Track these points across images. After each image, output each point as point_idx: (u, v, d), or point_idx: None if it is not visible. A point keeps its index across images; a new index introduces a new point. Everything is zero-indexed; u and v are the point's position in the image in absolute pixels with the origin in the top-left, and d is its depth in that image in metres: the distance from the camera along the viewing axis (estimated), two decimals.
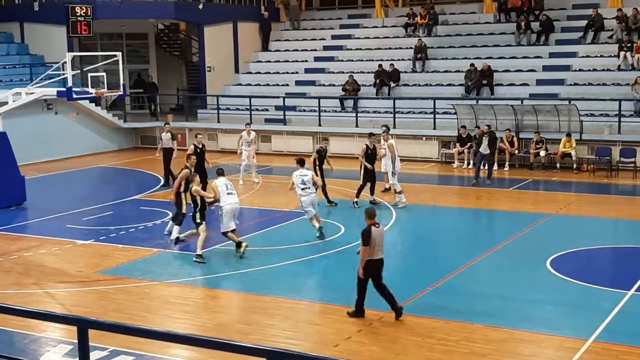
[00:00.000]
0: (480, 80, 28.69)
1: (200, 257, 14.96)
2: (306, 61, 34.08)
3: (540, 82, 28.46)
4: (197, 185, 15.36)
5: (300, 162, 16.98)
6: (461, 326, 11.51)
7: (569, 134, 24.39)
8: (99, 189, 24.36)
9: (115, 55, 20.65)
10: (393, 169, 19.68)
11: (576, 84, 27.91)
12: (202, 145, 20.99)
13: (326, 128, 28.80)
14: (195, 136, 22.08)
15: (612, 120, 25.31)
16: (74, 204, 20.56)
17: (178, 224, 16.21)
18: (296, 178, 16.65)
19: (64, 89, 20.33)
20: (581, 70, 28.54)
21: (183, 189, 16.01)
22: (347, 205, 19.51)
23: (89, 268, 14.92)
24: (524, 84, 28.73)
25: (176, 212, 16.45)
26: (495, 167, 23.74)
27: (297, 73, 33.54)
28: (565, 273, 13.92)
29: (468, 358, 10.44)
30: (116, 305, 12.75)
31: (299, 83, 32.85)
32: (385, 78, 30.32)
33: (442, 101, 27.66)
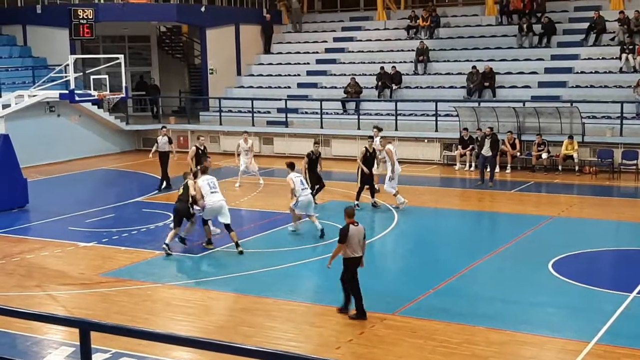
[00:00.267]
0: (482, 82, 28.69)
1: (167, 247, 15.71)
2: (308, 63, 34.11)
3: (542, 85, 28.46)
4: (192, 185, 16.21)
5: (290, 166, 17.35)
6: (463, 329, 11.50)
7: (571, 136, 24.38)
8: (101, 191, 24.38)
9: (117, 57, 20.68)
10: (392, 174, 19.59)
11: (578, 86, 27.92)
12: (204, 147, 21.07)
13: (328, 130, 28.83)
14: (197, 138, 22.11)
15: (614, 122, 25.31)
16: (76, 207, 20.57)
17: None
18: (296, 179, 16.88)
19: (67, 92, 20.35)
20: (583, 72, 28.54)
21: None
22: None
23: (91, 270, 14.94)
24: (526, 86, 28.72)
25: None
26: (497, 170, 23.74)
27: (299, 75, 33.57)
28: (567, 275, 13.91)
29: None
30: (118, 307, 12.76)
31: (301, 85, 32.89)
32: (387, 80, 30.33)
33: (444, 103, 27.67)
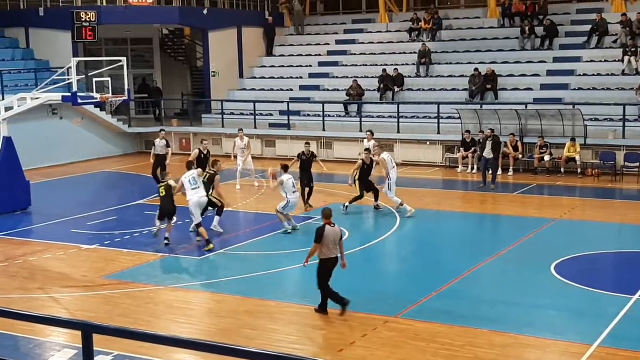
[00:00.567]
0: (484, 84, 28.70)
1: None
2: (310, 66, 34.12)
3: (544, 87, 28.45)
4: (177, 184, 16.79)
5: (284, 168, 18.02)
6: (465, 331, 11.49)
7: (574, 139, 24.36)
8: (104, 194, 24.40)
9: (120, 60, 20.68)
10: (389, 184, 19.40)
11: (580, 89, 27.90)
12: (207, 151, 21.08)
13: (330, 133, 28.83)
14: (200, 142, 22.11)
15: (617, 124, 25.28)
16: (79, 209, 20.60)
17: (218, 215, 17.64)
18: (288, 181, 17.64)
19: (69, 94, 20.35)
20: (585, 75, 28.52)
21: (211, 192, 17.34)
22: (353, 210, 19.46)
23: (94, 273, 14.94)
24: (528, 89, 28.71)
25: (218, 209, 17.65)
26: (499, 172, 23.71)
27: (302, 78, 33.59)
28: (569, 278, 13.90)
29: None
30: (121, 309, 12.77)
31: (303, 88, 32.89)
32: (389, 83, 30.33)
33: (446, 106, 27.67)
